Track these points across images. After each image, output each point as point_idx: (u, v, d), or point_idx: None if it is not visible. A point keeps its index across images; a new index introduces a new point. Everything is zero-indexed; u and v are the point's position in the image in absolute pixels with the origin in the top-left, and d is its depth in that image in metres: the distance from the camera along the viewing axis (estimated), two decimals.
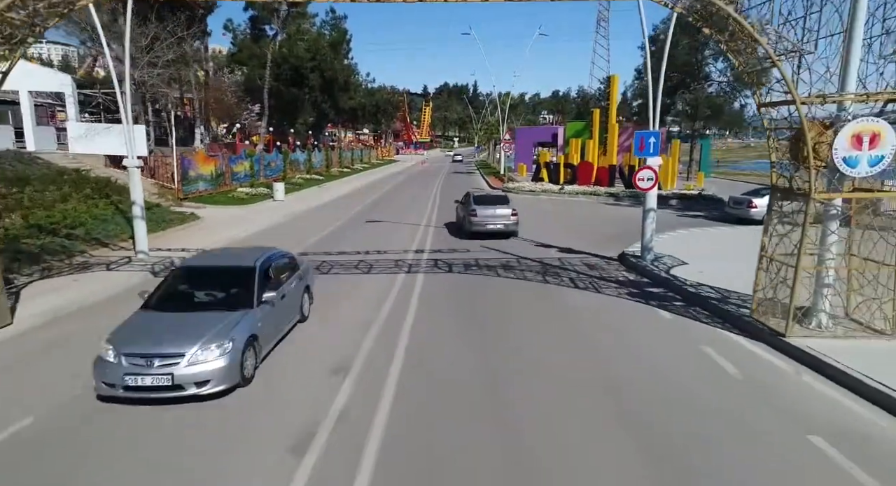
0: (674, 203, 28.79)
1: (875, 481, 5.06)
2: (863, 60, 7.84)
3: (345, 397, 6.71)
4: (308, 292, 9.73)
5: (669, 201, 29.36)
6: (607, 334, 9.01)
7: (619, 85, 42.84)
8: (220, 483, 5.10)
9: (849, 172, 7.70)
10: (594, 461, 5.42)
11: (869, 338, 8.09)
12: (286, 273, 8.92)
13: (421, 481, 5.13)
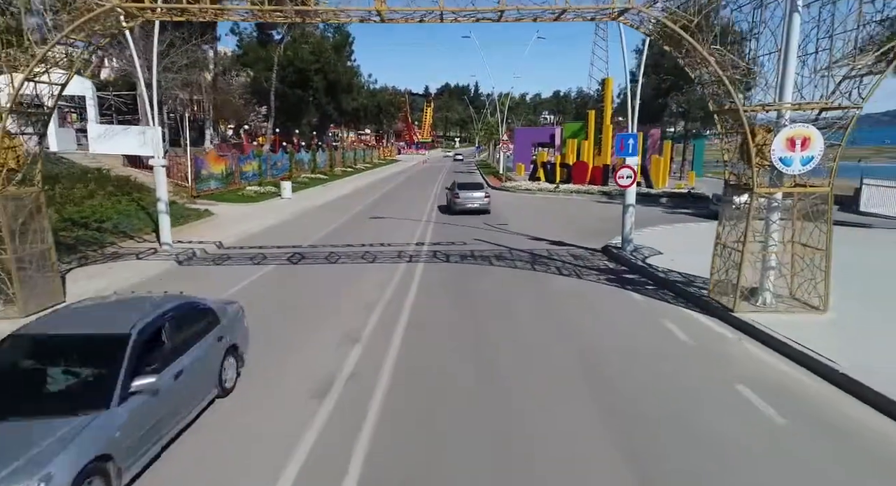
0: (664, 201, 30.08)
1: (783, 419, 6.34)
2: (798, 74, 9.15)
3: (357, 355, 8.01)
4: (234, 356, 7.03)
5: (660, 199, 30.66)
6: (583, 311, 10.32)
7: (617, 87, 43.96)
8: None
9: (784, 171, 8.99)
10: (558, 401, 6.72)
11: (804, 313, 9.38)
12: (194, 334, 6.33)
13: (421, 391, 6.43)
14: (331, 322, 9.59)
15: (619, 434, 5.94)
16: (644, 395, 6.89)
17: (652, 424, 6.16)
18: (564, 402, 6.70)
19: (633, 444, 5.74)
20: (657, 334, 9.11)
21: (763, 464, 5.40)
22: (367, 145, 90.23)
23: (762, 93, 9.75)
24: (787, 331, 8.49)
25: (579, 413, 6.43)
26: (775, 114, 9.33)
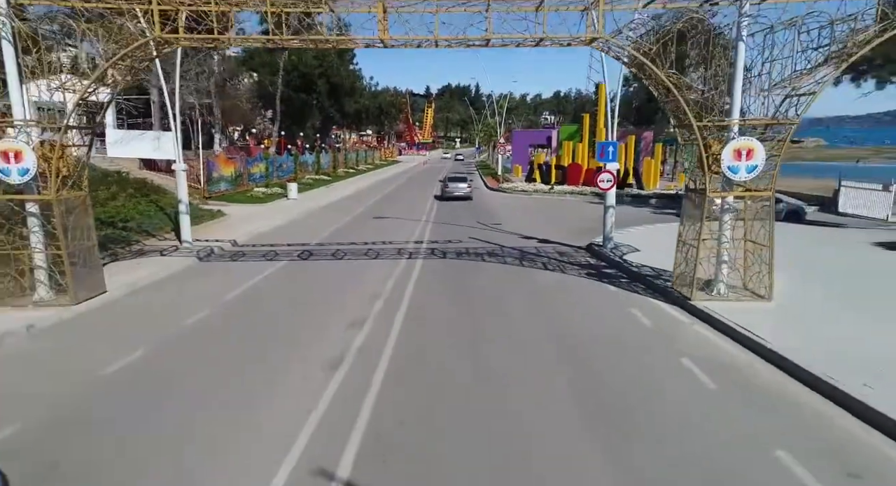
0: (653, 202, 31.48)
1: (715, 385, 7.71)
2: (745, 92, 10.55)
3: (363, 337, 9.41)
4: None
5: (649, 200, 32.06)
6: (562, 300, 11.72)
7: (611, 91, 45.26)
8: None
9: (732, 178, 10.39)
10: (533, 369, 8.11)
11: (752, 301, 10.78)
12: None
13: (423, 336, 7.83)
14: (339, 311, 10.98)
15: (575, 383, 7.34)
16: (603, 362, 8.28)
17: (604, 381, 7.56)
18: (533, 348, 8.10)
19: (585, 391, 7.14)
20: (624, 319, 10.51)
21: (687, 410, 6.79)
22: (368, 146, 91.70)
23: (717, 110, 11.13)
24: (733, 316, 9.88)
25: (545, 369, 7.82)
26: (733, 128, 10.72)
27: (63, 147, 10.38)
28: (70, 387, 7.54)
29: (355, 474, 5.49)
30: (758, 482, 5.45)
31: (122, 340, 9.32)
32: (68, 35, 10.38)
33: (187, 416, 6.74)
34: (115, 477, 5.52)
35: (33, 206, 10.64)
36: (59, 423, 6.59)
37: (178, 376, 7.98)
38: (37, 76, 10.28)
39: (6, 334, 9.15)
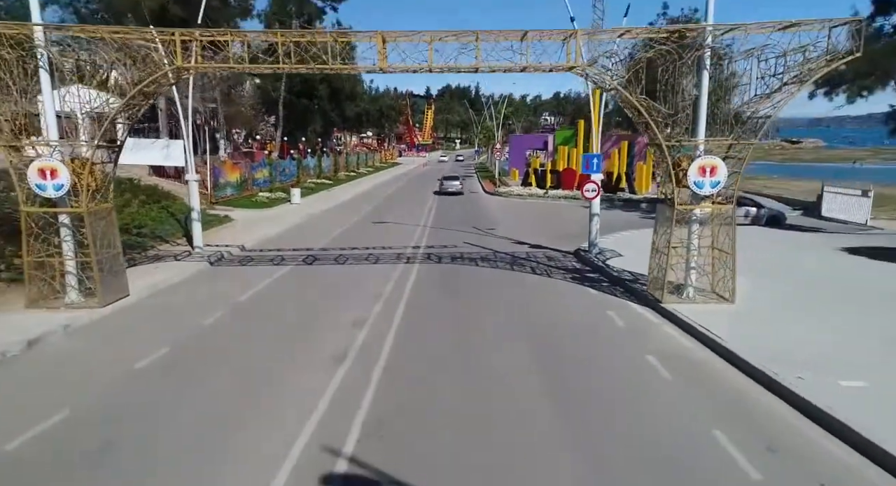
0: (644, 206, 32.55)
1: (671, 377, 8.80)
2: (710, 114, 11.66)
3: (365, 333, 10.51)
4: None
5: (640, 204, 33.15)
6: (545, 302, 12.82)
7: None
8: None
9: (698, 192, 11.50)
10: (513, 363, 9.21)
11: (717, 304, 11.88)
12: None
13: (419, 331, 8.92)
14: (344, 311, 12.08)
15: (548, 374, 8.44)
16: (576, 357, 9.38)
17: (575, 372, 8.66)
18: (514, 345, 9.20)
19: (556, 380, 8.24)
20: (600, 319, 11.62)
21: (642, 396, 7.90)
22: (369, 149, 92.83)
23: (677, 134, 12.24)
24: (698, 317, 10.99)
25: (524, 363, 8.92)
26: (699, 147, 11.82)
27: (93, 164, 11.49)
28: (109, 378, 8.65)
29: (398, 351, 6.60)
30: (693, 453, 6.56)
31: (149, 338, 10.42)
32: (98, 64, 11.48)
33: (215, 401, 7.86)
34: (161, 450, 6.62)
35: (65, 217, 11.75)
36: (104, 408, 7.70)
37: (202, 368, 9.09)
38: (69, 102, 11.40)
39: (48, 333, 10.26)
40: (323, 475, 6.10)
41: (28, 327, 10.45)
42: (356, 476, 6.08)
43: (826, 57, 10.85)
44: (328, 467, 6.24)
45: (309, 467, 6.24)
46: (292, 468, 6.22)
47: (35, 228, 11.56)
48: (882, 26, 20.23)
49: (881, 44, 19.29)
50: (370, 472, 6.12)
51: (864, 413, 7.01)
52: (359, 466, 6.25)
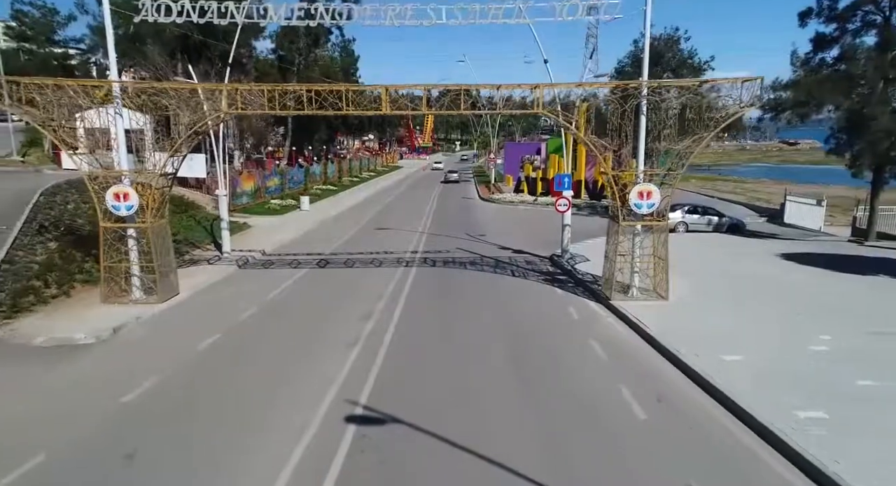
0: None
1: (605, 355, 11.69)
2: (648, 148, 14.55)
3: (372, 323, 13.40)
4: None
5: None
6: (518, 299, 15.72)
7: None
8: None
9: (637, 212, 14.39)
10: (487, 343, 12.09)
11: (655, 301, 14.77)
12: None
13: (415, 322, 11.80)
14: (353, 305, 14.98)
15: (511, 351, 11.33)
16: (534, 340, 12.28)
17: (531, 351, 11.56)
18: (488, 332, 12.09)
19: (515, 356, 11.13)
20: (561, 313, 14.52)
21: (574, 366, 10.79)
22: (370, 152, 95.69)
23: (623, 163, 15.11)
24: (635, 311, 13.88)
25: (494, 344, 11.82)
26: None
27: (154, 189, 14.40)
28: (180, 355, 11.54)
29: (381, 383, 9.50)
30: (602, 401, 9.44)
31: (202, 327, 13.32)
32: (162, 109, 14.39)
33: (262, 370, 10.77)
34: (229, 402, 9.51)
35: (132, 231, 14.66)
36: (183, 375, 10.61)
37: (248, 349, 12.00)
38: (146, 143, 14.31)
39: (126, 323, 13.18)
40: (347, 415, 8.99)
41: (109, 318, 13.37)
42: (370, 416, 8.98)
43: (736, 105, 13.75)
44: (350, 410, 9.13)
45: (337, 410, 9.14)
46: (326, 411, 9.11)
47: (109, 239, 14.47)
48: (823, 59, 23.06)
49: (816, 77, 22.16)
50: (379, 413, 9.02)
51: (731, 378, 9.91)
52: (371, 410, 9.15)
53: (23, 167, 27.01)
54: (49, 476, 7.36)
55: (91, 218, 19.55)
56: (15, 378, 10.39)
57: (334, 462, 7.62)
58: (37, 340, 12.11)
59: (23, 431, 8.49)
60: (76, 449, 8.00)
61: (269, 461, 7.66)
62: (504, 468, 7.43)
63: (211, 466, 7.61)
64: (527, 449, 7.97)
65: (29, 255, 15.77)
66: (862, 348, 11.43)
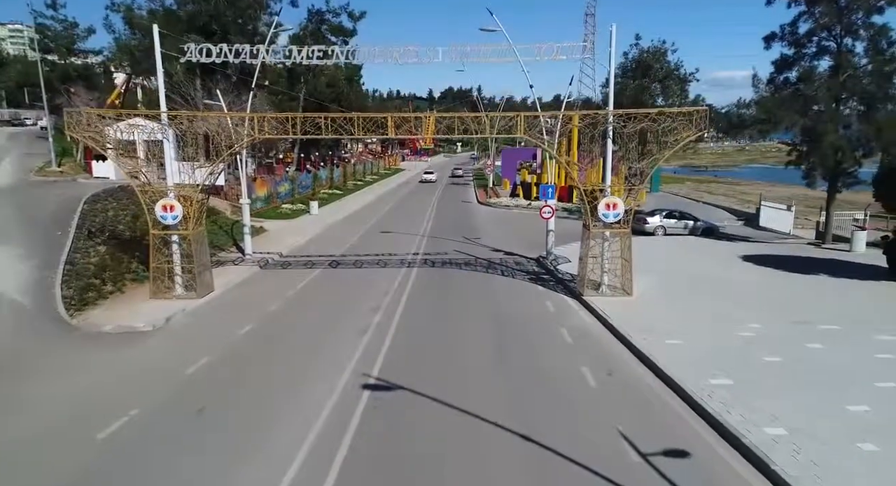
0: None
1: (571, 339, 14.26)
2: (615, 166, 17.11)
3: (380, 315, 15.97)
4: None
5: None
6: (504, 295, 18.27)
7: None
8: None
9: (605, 221, 16.95)
10: (475, 328, 14.66)
11: (621, 297, 17.31)
12: None
13: (416, 313, 14.36)
14: (363, 300, 17.54)
15: (495, 334, 13.90)
16: (514, 327, 14.84)
17: (510, 336, 14.12)
18: (477, 322, 14.66)
19: (498, 339, 13.70)
20: (539, 306, 17.09)
21: (545, 348, 13.35)
22: (373, 155, 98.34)
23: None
24: (602, 305, 16.43)
25: (482, 329, 14.38)
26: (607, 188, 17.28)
27: (195, 201, 17.00)
28: (224, 340, 14.12)
29: (389, 361, 12.09)
30: (562, 374, 12.01)
31: (238, 318, 15.90)
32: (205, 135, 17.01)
33: (291, 350, 13.36)
34: (269, 378, 12.10)
35: (176, 237, 17.26)
36: (230, 355, 13.19)
37: (278, 335, 14.60)
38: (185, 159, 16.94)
39: (174, 314, 15.78)
40: (364, 383, 11.56)
41: (160, 310, 15.99)
42: (382, 384, 11.55)
43: (681, 136, 16.30)
44: (366, 380, 11.72)
45: (356, 378, 11.72)
46: (346, 380, 11.69)
47: (157, 244, 17.08)
48: (787, 78, 25.53)
49: (774, 97, 24.66)
50: (387, 382, 11.60)
51: (668, 356, 12.46)
52: (383, 381, 11.73)
53: (61, 177, 29.63)
54: (145, 423, 9.94)
55: (129, 224, 22.32)
56: (99, 356, 13.01)
57: (354, 414, 10.20)
58: (106, 327, 14.73)
59: (118, 393, 11.09)
60: (160, 406, 10.60)
61: (305, 414, 10.25)
62: (478, 417, 10.01)
63: (261, 416, 10.19)
64: (497, 406, 10.53)
65: (84, 257, 18.40)
66: (781, 334, 13.99)
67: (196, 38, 32.93)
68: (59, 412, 10.33)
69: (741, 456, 8.84)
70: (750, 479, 8.27)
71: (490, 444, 9.24)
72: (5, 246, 18.17)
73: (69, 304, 15.68)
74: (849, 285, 18.90)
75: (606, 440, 9.39)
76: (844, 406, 10.13)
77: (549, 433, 9.48)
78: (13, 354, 12.98)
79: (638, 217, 30.75)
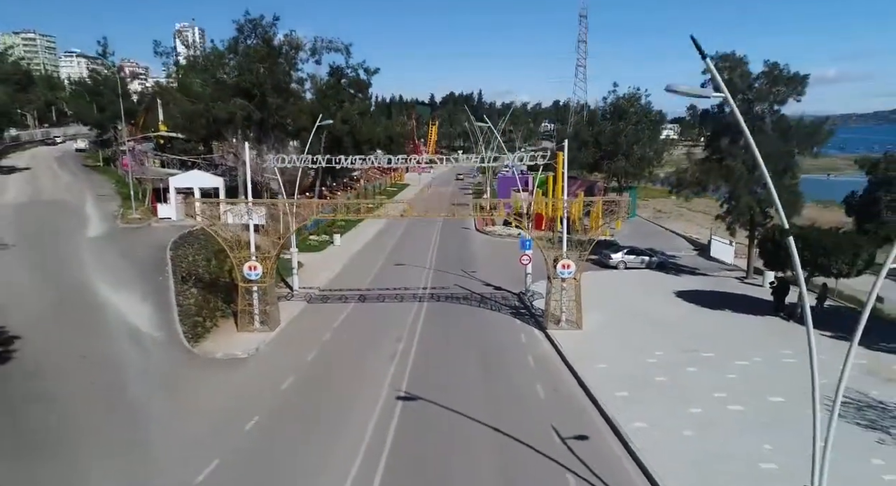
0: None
1: (533, 364, 21.09)
2: (570, 235, 23.97)
3: (403, 344, 22.79)
4: None
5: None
6: (491, 327, 25.08)
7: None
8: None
9: (561, 276, 23.78)
10: (464, 351, 21.48)
11: (574, 331, 24.12)
12: None
13: (428, 338, 21.15)
14: (389, 330, 24.32)
15: (478, 357, 20.73)
16: (491, 353, 21.65)
17: (488, 360, 20.94)
18: (470, 349, 21.49)
19: (478, 359, 20.53)
20: (514, 337, 23.93)
21: (509, 372, 20.18)
22: (379, 170, 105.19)
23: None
24: (559, 337, 23.23)
25: (468, 352, 21.20)
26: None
27: (270, 261, 23.88)
28: (300, 363, 20.95)
29: (412, 377, 18.98)
30: (521, 390, 18.84)
31: (304, 346, 22.74)
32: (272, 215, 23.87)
33: (346, 369, 20.22)
34: (337, 388, 18.94)
35: (255, 287, 24.14)
36: (309, 372, 20.05)
37: (335, 358, 21.48)
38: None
39: (259, 344, 22.64)
40: (398, 394, 18.43)
41: (249, 341, 22.87)
42: (409, 395, 18.39)
43: (620, 214, 23.11)
44: (398, 392, 18.58)
45: (393, 388, 18.60)
46: (386, 391, 18.55)
47: (243, 291, 23.97)
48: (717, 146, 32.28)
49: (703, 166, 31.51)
50: (413, 395, 18.45)
51: (594, 378, 19.27)
52: (408, 393, 18.59)
53: (140, 223, 36.41)
54: (268, 425, 16.74)
55: (206, 268, 29.20)
56: (218, 376, 19.91)
57: (395, 412, 17.07)
58: (217, 355, 21.63)
59: (241, 403, 17.91)
60: (273, 412, 17.43)
61: (363, 412, 17.10)
62: (468, 416, 16.85)
63: (342, 412, 17.04)
64: (479, 409, 17.34)
65: (185, 299, 25.26)
66: (673, 360, 20.81)
67: (242, 103, 39.80)
68: (212, 416, 17.15)
69: (617, 439, 15.70)
70: (618, 452, 15.11)
71: (473, 431, 16.10)
72: (129, 291, 25.02)
73: (188, 337, 22.52)
74: (741, 320, 25.70)
75: (543, 430, 16.23)
76: (688, 409, 16.99)
77: (510, 426, 16.32)
78: (165, 375, 19.80)
79: (604, 253, 37.58)
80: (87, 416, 16.45)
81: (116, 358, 20.00)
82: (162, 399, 17.94)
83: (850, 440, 14.61)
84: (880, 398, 17.67)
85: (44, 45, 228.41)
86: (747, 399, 17.55)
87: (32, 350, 19.40)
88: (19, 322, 20.94)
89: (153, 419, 16.59)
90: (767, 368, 20.12)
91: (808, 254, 22.99)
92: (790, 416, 16.05)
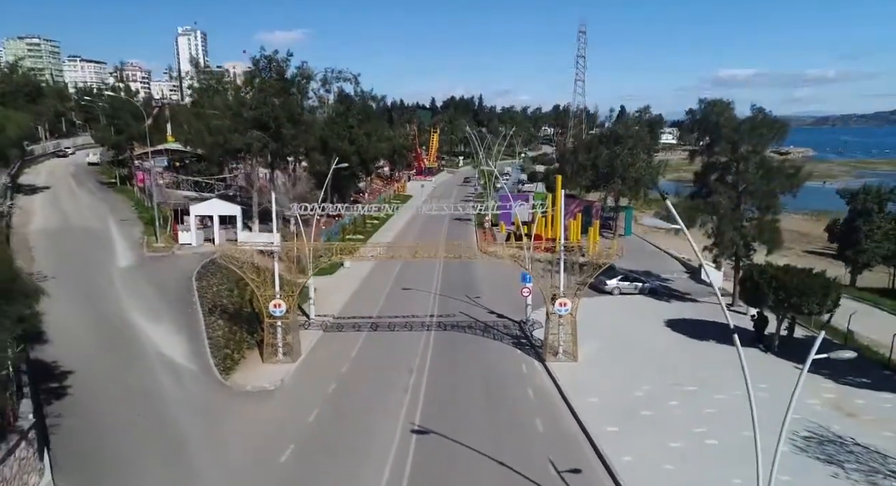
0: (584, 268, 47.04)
1: (533, 395, 23.42)
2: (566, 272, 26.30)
3: (415, 374, 25.08)
4: None
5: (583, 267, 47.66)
6: (493, 357, 27.39)
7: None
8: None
9: (558, 313, 26.08)
10: (467, 378, 23.78)
11: (570, 362, 26.43)
12: None
13: (437, 365, 23.44)
14: (402, 360, 26.60)
15: (481, 387, 23.03)
16: (492, 383, 23.96)
17: (489, 390, 23.24)
18: (475, 379, 23.78)
19: (480, 389, 22.84)
20: (515, 367, 26.24)
21: (511, 404, 22.51)
22: (382, 179, 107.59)
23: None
24: (556, 368, 25.54)
25: (471, 379, 23.50)
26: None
27: (292, 298, 26.19)
28: (322, 395, 23.25)
29: (424, 413, 21.30)
30: (524, 422, 21.16)
31: (324, 377, 25.03)
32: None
33: (367, 395, 22.52)
34: (358, 418, 21.24)
35: (279, 322, 26.43)
36: (330, 406, 22.34)
37: (352, 393, 23.76)
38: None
39: (284, 376, 24.94)
40: (412, 422, 20.74)
41: (274, 373, 25.18)
42: (421, 429, 20.69)
43: (607, 259, 25.40)
44: (412, 424, 20.89)
45: (406, 423, 20.92)
46: (402, 422, 20.87)
47: (268, 326, 26.27)
48: (706, 182, 34.60)
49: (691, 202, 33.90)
50: (423, 427, 20.74)
51: (587, 413, 21.59)
52: (421, 426, 20.90)
53: (164, 251, 38.62)
54: (304, 454, 19.06)
55: (230, 299, 31.52)
56: (250, 407, 22.23)
57: (411, 446, 19.38)
58: (247, 387, 23.94)
59: (276, 433, 20.22)
60: (306, 443, 19.73)
61: (383, 444, 19.41)
62: (473, 449, 19.15)
63: (365, 442, 19.35)
64: (484, 440, 19.65)
65: (213, 331, 27.54)
66: (658, 393, 23.12)
67: (259, 135, 42.06)
68: (249, 445, 19.48)
69: (606, 472, 18.02)
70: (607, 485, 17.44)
71: (479, 460, 18.40)
72: (162, 324, 27.29)
73: (219, 369, 24.81)
74: (723, 351, 27.95)
75: (540, 462, 18.55)
76: (668, 444, 19.31)
77: (511, 457, 18.63)
78: (204, 405, 22.09)
79: (600, 279, 39.73)
80: (139, 446, 18.75)
81: (158, 391, 22.28)
82: (203, 430, 20.26)
83: (810, 472, 16.99)
84: (840, 433, 19.96)
85: (48, 50, 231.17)
86: (722, 434, 19.84)
87: (84, 384, 21.65)
88: (70, 356, 23.17)
89: (201, 448, 18.98)
90: (743, 401, 22.36)
91: (783, 294, 25.30)
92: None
